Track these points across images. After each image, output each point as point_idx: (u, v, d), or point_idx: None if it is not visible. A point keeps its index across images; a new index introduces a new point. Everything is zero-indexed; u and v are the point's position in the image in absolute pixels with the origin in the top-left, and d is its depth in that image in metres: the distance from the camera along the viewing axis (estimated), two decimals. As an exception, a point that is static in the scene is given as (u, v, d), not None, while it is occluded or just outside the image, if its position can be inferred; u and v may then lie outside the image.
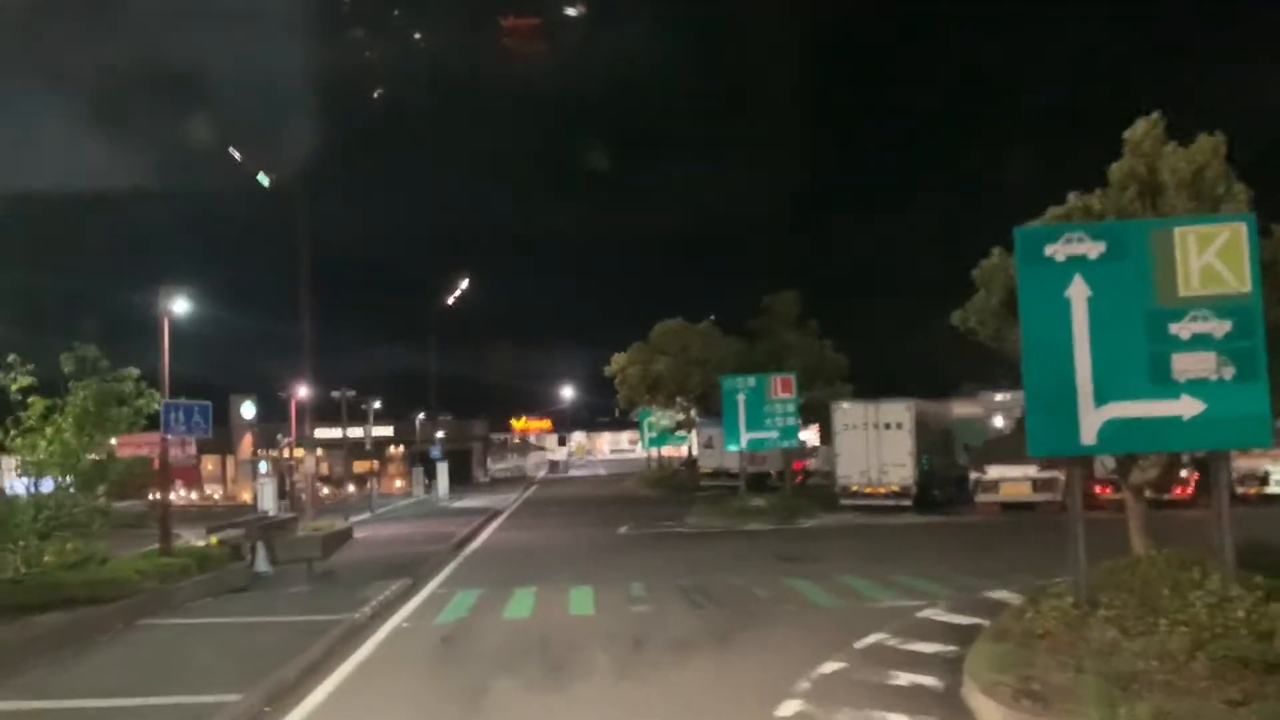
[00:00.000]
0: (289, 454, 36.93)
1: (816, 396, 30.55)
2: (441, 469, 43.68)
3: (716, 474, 36.94)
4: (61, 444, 13.33)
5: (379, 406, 53.25)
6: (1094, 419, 8.50)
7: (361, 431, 48.95)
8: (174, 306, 15.15)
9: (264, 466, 38.79)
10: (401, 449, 63.37)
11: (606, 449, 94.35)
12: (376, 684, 8.93)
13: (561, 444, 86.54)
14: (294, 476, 34.16)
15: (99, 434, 13.88)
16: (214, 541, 16.30)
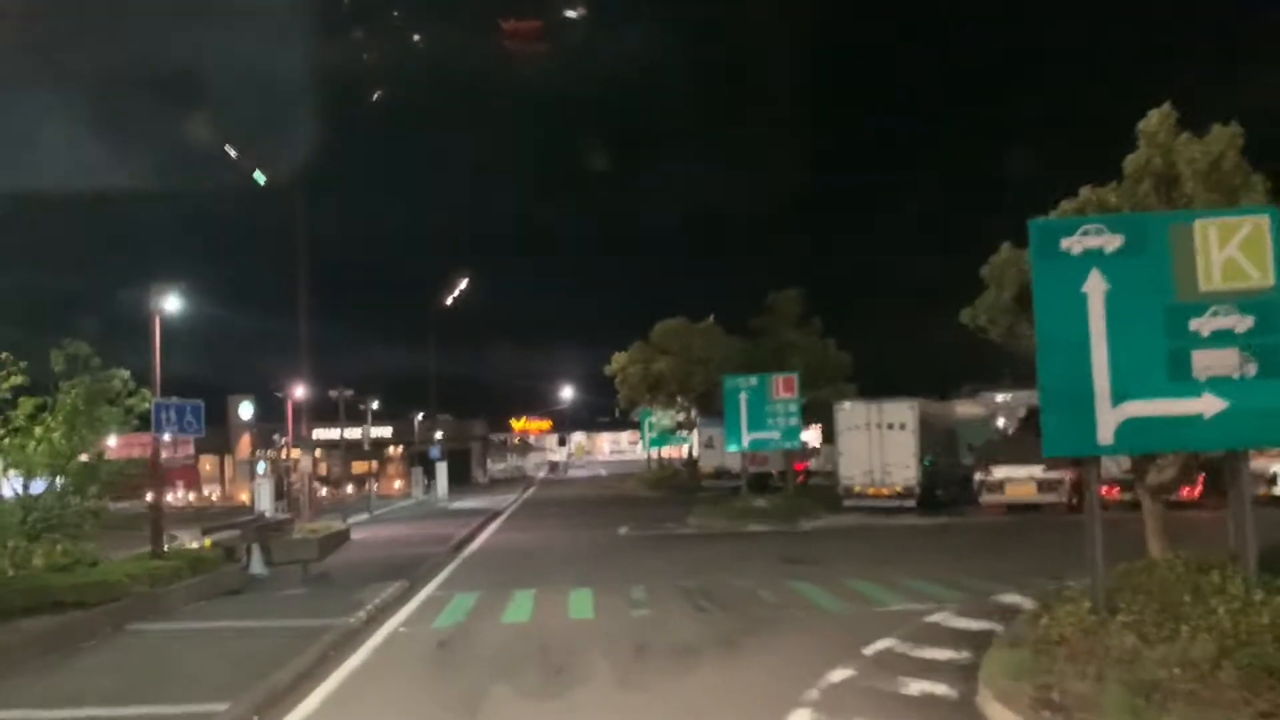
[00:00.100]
0: (286, 454, 36.71)
1: (820, 396, 30.28)
2: (440, 469, 43.43)
3: (718, 474, 36.76)
4: (50, 444, 13.09)
5: (378, 407, 53.19)
6: (1111, 418, 8.20)
7: (360, 432, 48.76)
8: (165, 305, 14.90)
9: (262, 467, 38.65)
10: (400, 449, 63.26)
11: (607, 449, 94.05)
12: (371, 691, 8.66)
13: (561, 444, 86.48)
14: (291, 477, 33.91)
15: (89, 433, 13.64)
16: (208, 543, 16.06)
